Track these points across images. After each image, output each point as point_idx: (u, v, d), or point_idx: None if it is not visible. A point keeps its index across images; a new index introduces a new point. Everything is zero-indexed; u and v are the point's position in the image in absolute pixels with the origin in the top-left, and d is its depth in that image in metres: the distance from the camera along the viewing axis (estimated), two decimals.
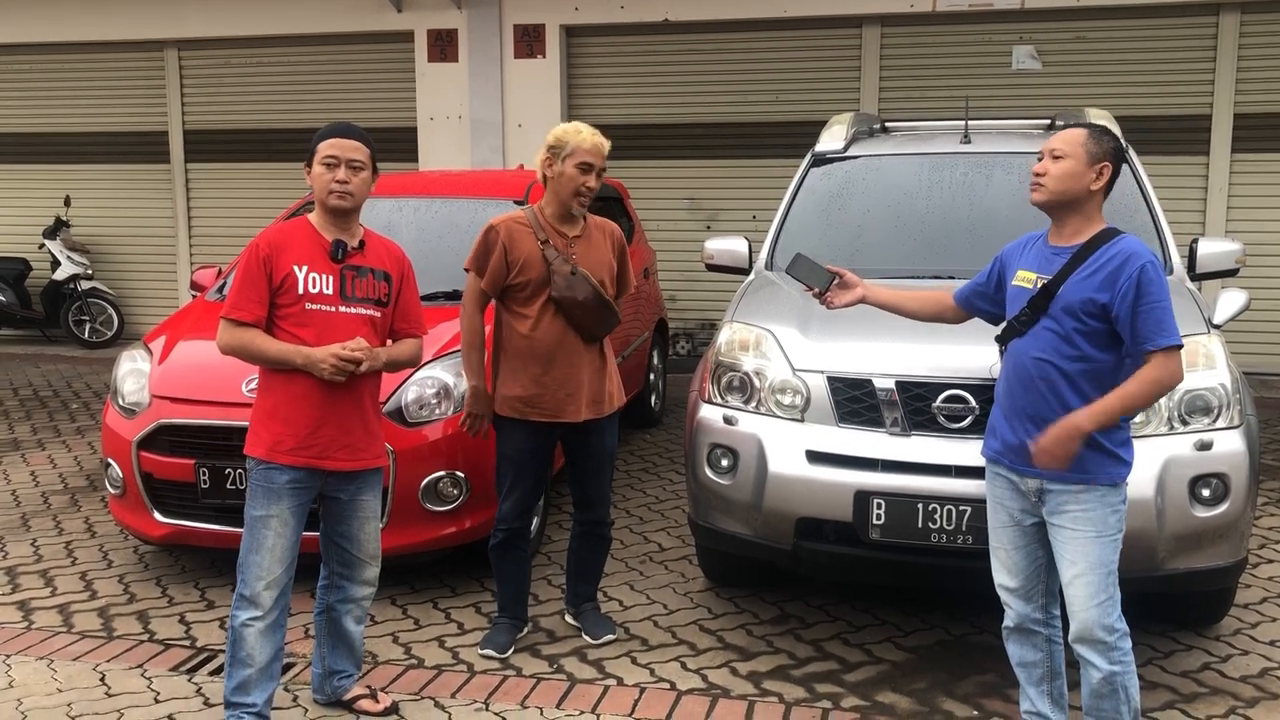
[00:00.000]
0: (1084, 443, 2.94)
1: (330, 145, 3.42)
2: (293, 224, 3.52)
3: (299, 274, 3.39)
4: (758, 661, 4.11)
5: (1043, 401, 3.04)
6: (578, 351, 3.95)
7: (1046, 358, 3.04)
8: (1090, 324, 2.98)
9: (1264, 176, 9.23)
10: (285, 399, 3.39)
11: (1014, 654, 3.34)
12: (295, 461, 3.38)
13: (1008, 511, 3.22)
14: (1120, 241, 3.03)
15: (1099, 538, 3.02)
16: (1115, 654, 3.03)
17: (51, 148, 11.80)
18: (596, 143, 3.88)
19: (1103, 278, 2.97)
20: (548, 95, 10.28)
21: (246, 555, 3.41)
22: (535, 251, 3.89)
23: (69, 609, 4.63)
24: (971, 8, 9.41)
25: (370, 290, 3.50)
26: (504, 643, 4.13)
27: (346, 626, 3.66)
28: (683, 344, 10.27)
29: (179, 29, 11.07)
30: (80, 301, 11.06)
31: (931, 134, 5.83)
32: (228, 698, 3.44)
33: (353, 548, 3.59)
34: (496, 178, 7.09)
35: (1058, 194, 3.07)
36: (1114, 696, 3.05)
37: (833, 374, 4.01)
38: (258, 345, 3.37)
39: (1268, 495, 6.02)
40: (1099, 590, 3.01)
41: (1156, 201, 4.97)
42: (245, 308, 3.37)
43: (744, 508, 4.07)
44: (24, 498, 6.21)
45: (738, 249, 5.31)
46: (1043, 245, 3.18)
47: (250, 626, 3.39)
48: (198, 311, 5.50)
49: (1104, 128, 3.16)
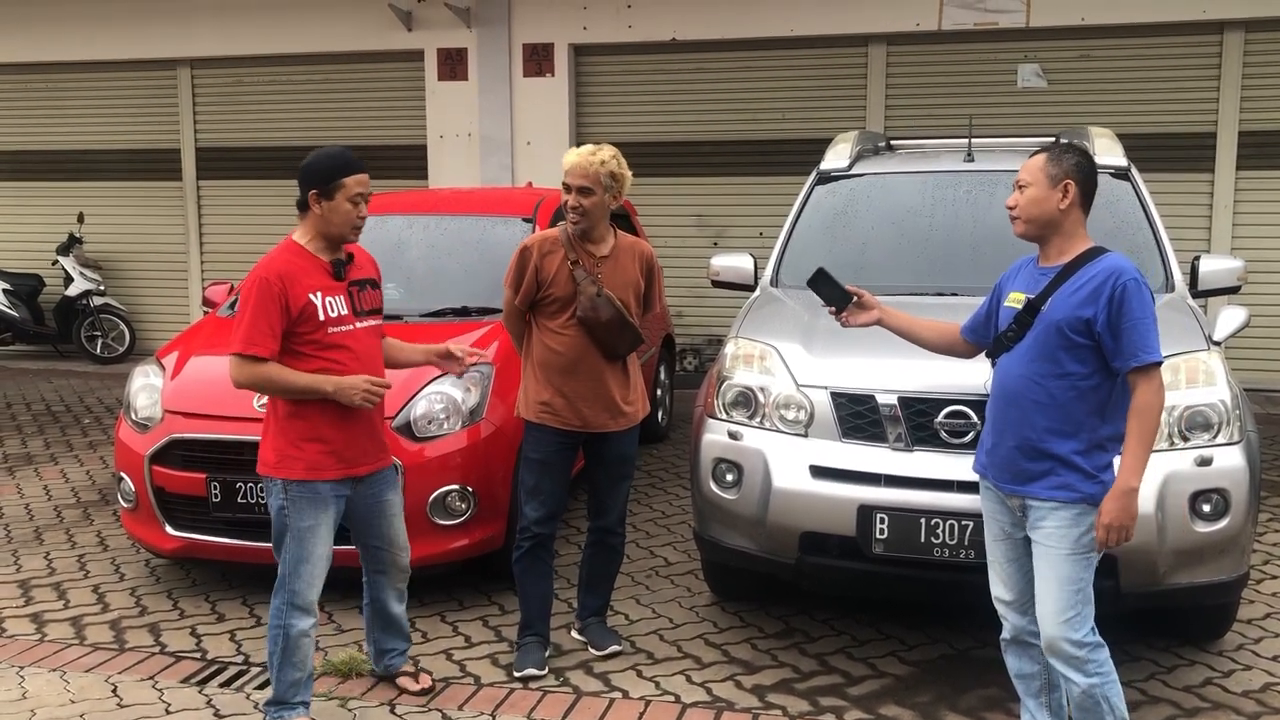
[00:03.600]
0: (1134, 499, 2.96)
1: (359, 183, 3.52)
2: (288, 252, 3.54)
3: (317, 301, 3.48)
4: (762, 675, 4.14)
5: (1023, 419, 3.08)
6: (600, 365, 4.03)
7: (1030, 375, 3.07)
8: (1076, 339, 3.01)
9: (1268, 194, 9.25)
10: (319, 423, 3.51)
11: (1012, 666, 3.38)
12: (336, 475, 3.56)
13: (999, 525, 3.26)
14: (1104, 259, 3.07)
15: (1070, 555, 3.04)
16: (1089, 666, 3.04)
17: (65, 165, 11.91)
18: (574, 162, 3.96)
19: (1086, 294, 3.00)
20: (556, 113, 10.37)
21: (297, 566, 3.55)
22: (565, 270, 4.00)
23: (81, 621, 4.68)
24: (977, 26, 9.47)
25: (371, 301, 3.69)
26: (539, 659, 4.13)
27: (391, 609, 3.93)
28: (689, 360, 10.30)
29: (192, 48, 11.19)
30: (93, 317, 11.14)
31: (936, 152, 5.88)
32: (280, 696, 3.60)
33: (385, 545, 3.82)
34: (505, 195, 7.16)
35: (1032, 221, 3.14)
36: (1096, 709, 3.07)
37: (836, 389, 4.05)
38: (282, 379, 3.45)
39: (1271, 511, 6.03)
40: (1066, 606, 3.03)
41: (1159, 219, 5.00)
42: (260, 343, 3.41)
43: (748, 522, 4.11)
44: (37, 511, 6.27)
45: (743, 265, 5.37)
46: (1032, 267, 3.24)
47: (308, 636, 3.58)
48: (210, 327, 5.57)
49: (1065, 147, 3.20)
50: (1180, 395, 3.79)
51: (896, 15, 9.56)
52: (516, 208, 6.29)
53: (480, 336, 5.08)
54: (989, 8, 9.40)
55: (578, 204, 3.97)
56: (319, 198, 3.50)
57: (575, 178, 3.95)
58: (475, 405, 4.76)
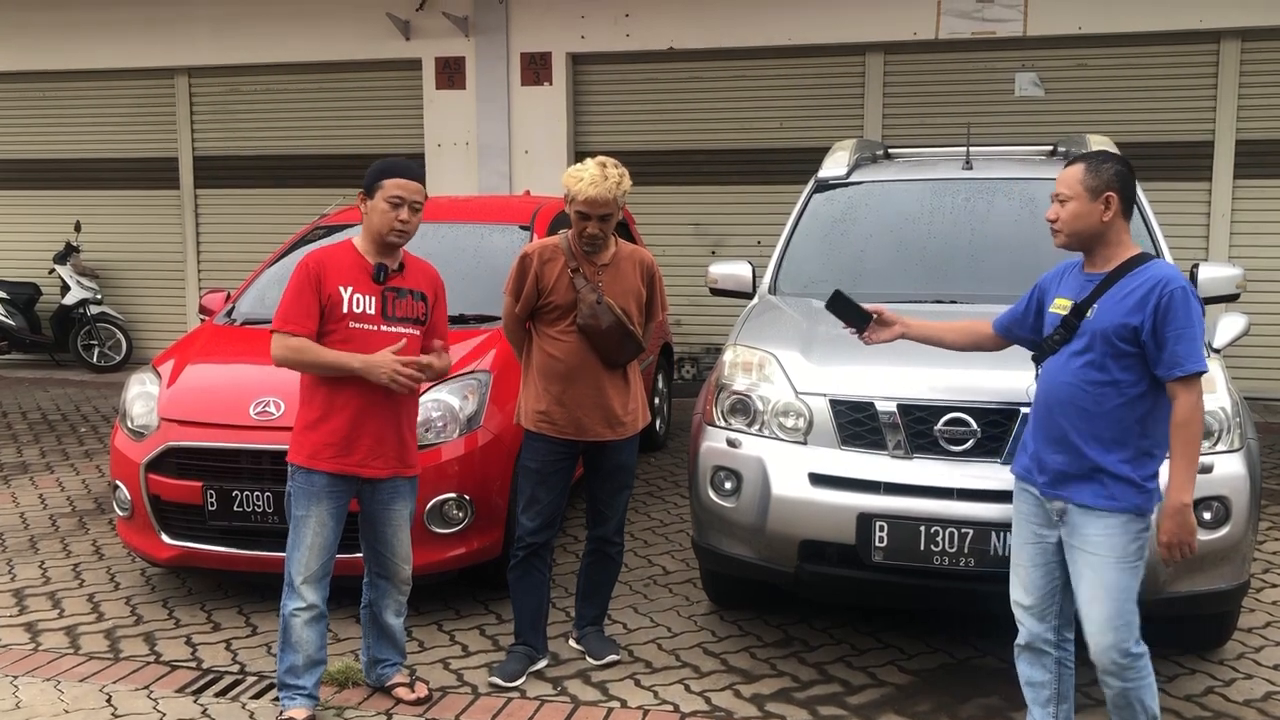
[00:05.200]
0: (1189, 513, 2.98)
1: (397, 185, 3.64)
2: (338, 247, 3.76)
3: (344, 294, 3.63)
4: (761, 684, 4.12)
5: (1070, 424, 3.08)
6: (599, 374, 4.02)
7: (1077, 381, 3.08)
8: (1122, 347, 3.02)
9: (1266, 202, 9.26)
10: (328, 411, 3.63)
11: (1023, 673, 3.36)
12: (333, 469, 3.63)
13: (1032, 528, 3.26)
14: (1152, 266, 3.08)
15: (1119, 563, 3.04)
16: (1130, 673, 3.07)
17: (62, 173, 11.90)
18: (592, 195, 3.87)
19: (1134, 301, 3.01)
20: (554, 122, 10.37)
21: (292, 550, 3.69)
22: (565, 278, 3.98)
23: (76, 630, 4.66)
24: (974, 35, 9.48)
25: (409, 310, 3.75)
26: (513, 671, 4.12)
27: (387, 620, 3.94)
28: (687, 368, 10.30)
29: (190, 56, 11.18)
30: (89, 326, 11.12)
31: (934, 160, 5.88)
32: (281, 679, 3.74)
33: (388, 552, 3.85)
34: (503, 203, 7.16)
35: (1074, 235, 3.15)
36: (1130, 709, 3.12)
37: (835, 397, 4.03)
38: (313, 354, 3.60)
39: (1271, 519, 6.02)
40: (1115, 614, 3.04)
41: (1158, 227, 4.99)
42: (298, 320, 3.60)
43: (747, 530, 4.09)
44: (32, 520, 6.24)
45: (742, 273, 5.36)
46: (1078, 272, 3.23)
47: (296, 617, 3.68)
48: (206, 335, 5.55)
49: (1102, 156, 3.19)
50: None
51: (894, 24, 9.57)
52: (514, 216, 6.29)
53: (477, 344, 5.07)
54: (986, 17, 9.42)
55: (599, 230, 3.95)
56: (365, 198, 3.70)
57: (597, 207, 3.89)
58: (472, 413, 4.74)
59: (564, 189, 3.98)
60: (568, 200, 3.97)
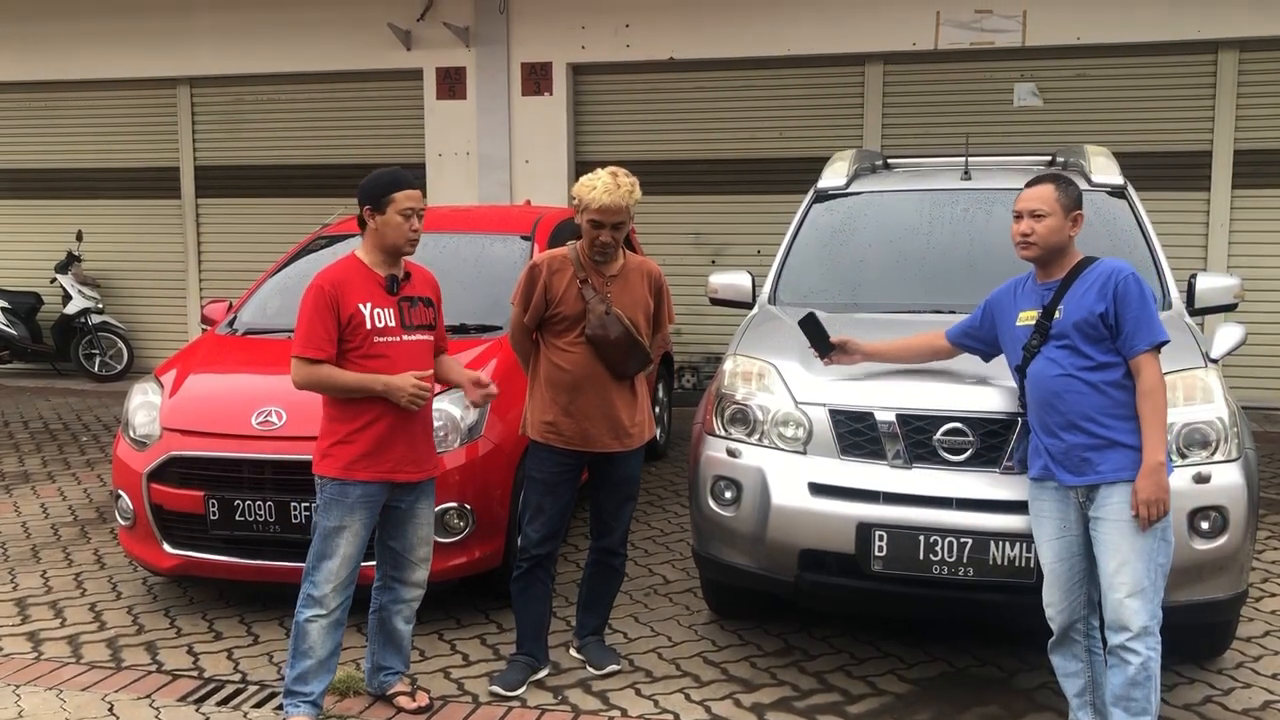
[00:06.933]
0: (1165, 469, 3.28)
1: (408, 198, 3.72)
2: (346, 264, 3.79)
3: (365, 311, 3.69)
4: (761, 693, 4.13)
5: (1073, 411, 3.34)
6: (607, 385, 4.03)
7: (1065, 371, 3.36)
8: (1095, 332, 3.33)
9: (1264, 212, 9.29)
10: (360, 423, 3.69)
11: (1058, 667, 3.55)
12: (369, 476, 3.69)
13: (1055, 523, 3.44)
14: (1102, 263, 3.44)
15: (1146, 529, 3.25)
16: (1151, 640, 3.24)
17: (64, 183, 11.93)
18: (606, 203, 3.90)
19: (1095, 292, 3.35)
20: (555, 132, 10.41)
21: (318, 561, 3.71)
22: (574, 288, 4.00)
23: (78, 639, 4.67)
24: (973, 46, 9.52)
25: (422, 317, 3.84)
26: (513, 681, 4.12)
27: (396, 625, 3.96)
28: (688, 377, 10.31)
29: (191, 66, 11.23)
30: (91, 335, 11.15)
31: (933, 170, 5.90)
32: (288, 686, 3.76)
33: (407, 552, 3.90)
34: (503, 214, 7.18)
35: (1048, 248, 3.47)
36: (1147, 684, 3.25)
37: (835, 407, 4.05)
38: (335, 379, 3.67)
39: (1270, 529, 6.03)
40: (1142, 577, 3.24)
41: (1155, 237, 5.02)
42: (318, 345, 3.65)
43: (747, 539, 4.11)
44: (34, 529, 6.25)
45: (741, 283, 5.38)
46: (1033, 285, 3.55)
47: (314, 623, 3.71)
48: (208, 345, 5.57)
49: (1062, 177, 3.53)
50: (1178, 412, 3.78)
51: (893, 35, 9.61)
52: (515, 226, 6.31)
53: (478, 354, 5.09)
54: (985, 27, 9.46)
55: (611, 239, 3.98)
56: (372, 213, 3.72)
57: (610, 216, 3.92)
58: (474, 423, 4.76)
59: (576, 199, 4.00)
60: (580, 209, 3.98)
